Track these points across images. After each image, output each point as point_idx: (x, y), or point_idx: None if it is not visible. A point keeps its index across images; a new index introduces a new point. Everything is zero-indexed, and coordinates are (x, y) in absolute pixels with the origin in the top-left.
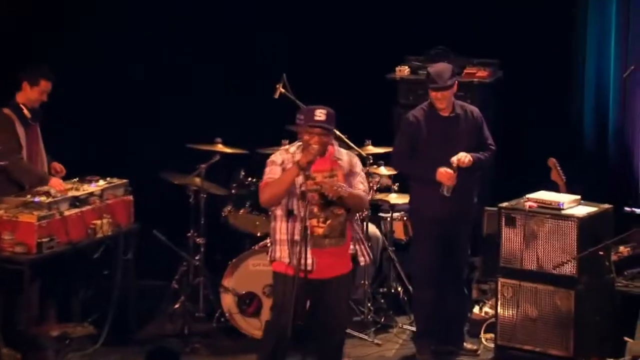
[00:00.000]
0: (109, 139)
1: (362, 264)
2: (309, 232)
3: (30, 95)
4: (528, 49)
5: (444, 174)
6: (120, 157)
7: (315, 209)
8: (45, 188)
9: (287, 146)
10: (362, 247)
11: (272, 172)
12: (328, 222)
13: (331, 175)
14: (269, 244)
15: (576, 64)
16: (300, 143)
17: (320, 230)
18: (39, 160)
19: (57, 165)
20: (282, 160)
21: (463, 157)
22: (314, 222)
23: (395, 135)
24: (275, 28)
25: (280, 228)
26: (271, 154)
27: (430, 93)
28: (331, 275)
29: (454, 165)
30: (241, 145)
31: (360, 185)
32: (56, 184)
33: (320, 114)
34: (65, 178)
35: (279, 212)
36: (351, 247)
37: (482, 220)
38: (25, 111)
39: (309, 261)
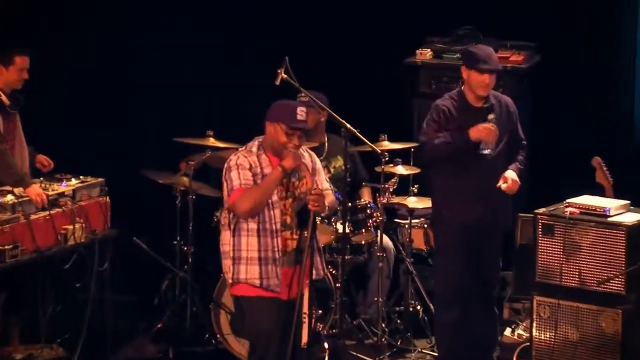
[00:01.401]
0: (83, 132)
1: (313, 277)
2: (280, 248)
3: (8, 76)
4: (569, 31)
5: (482, 129)
6: (95, 153)
7: (289, 219)
8: (17, 190)
9: (245, 147)
10: (320, 258)
11: (244, 177)
12: (299, 232)
13: (299, 179)
14: (224, 266)
15: (625, 48)
16: (260, 140)
17: (294, 244)
18: (18, 153)
19: (44, 158)
20: (249, 164)
21: (513, 185)
22: (287, 234)
23: (414, 127)
24: (277, 7)
25: (248, 244)
26: None
27: (476, 77)
28: (295, 295)
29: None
30: (236, 139)
31: (325, 184)
32: (35, 194)
33: (302, 112)
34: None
35: (244, 225)
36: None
37: (515, 229)
38: (3, 97)
39: (279, 282)
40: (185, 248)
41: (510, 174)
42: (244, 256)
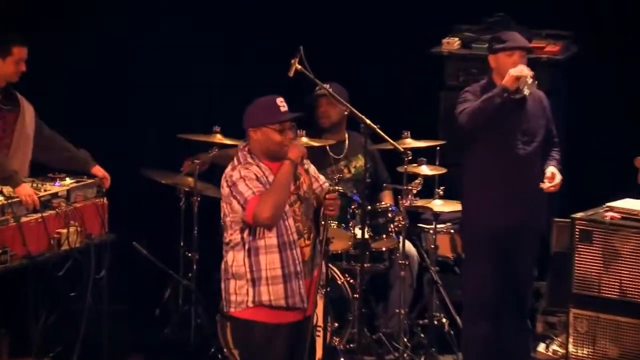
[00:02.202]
0: (79, 128)
1: None
2: (300, 259)
3: (4, 68)
4: (610, 19)
5: (515, 69)
6: (92, 150)
7: (301, 226)
8: (6, 190)
9: (238, 162)
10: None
11: (254, 185)
12: (311, 236)
13: (297, 178)
14: (235, 286)
15: None
16: (246, 150)
17: (308, 251)
18: (15, 152)
19: (100, 172)
20: (254, 174)
21: (558, 180)
22: (302, 242)
23: (440, 123)
24: None
25: (268, 262)
26: None
27: (505, 60)
28: (311, 310)
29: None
30: (245, 136)
31: (322, 177)
32: (25, 194)
33: (282, 103)
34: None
35: (261, 242)
36: None
37: (549, 235)
38: None
39: (304, 297)
40: (190, 254)
41: (556, 171)
42: (266, 276)
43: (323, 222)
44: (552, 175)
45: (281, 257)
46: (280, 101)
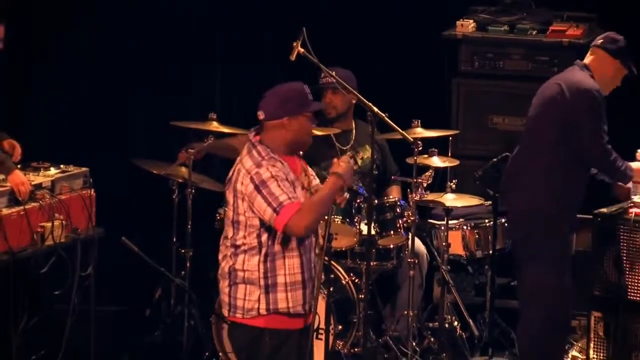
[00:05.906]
0: (66, 114)
1: None
2: (313, 261)
3: None
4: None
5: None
6: (79, 138)
7: None
8: None
9: (260, 157)
10: None
11: (287, 189)
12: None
13: (305, 174)
14: (244, 292)
15: None
16: (261, 144)
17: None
18: None
19: (10, 144)
20: (284, 175)
21: None
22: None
23: (452, 111)
24: None
25: (288, 267)
26: None
27: (620, 74)
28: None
29: None
30: (242, 124)
31: (316, 182)
32: (19, 182)
33: (308, 89)
34: None
35: (278, 246)
36: None
37: None
38: None
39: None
40: (183, 251)
41: None
42: (284, 282)
43: (326, 216)
44: None
45: (301, 261)
46: (306, 87)
